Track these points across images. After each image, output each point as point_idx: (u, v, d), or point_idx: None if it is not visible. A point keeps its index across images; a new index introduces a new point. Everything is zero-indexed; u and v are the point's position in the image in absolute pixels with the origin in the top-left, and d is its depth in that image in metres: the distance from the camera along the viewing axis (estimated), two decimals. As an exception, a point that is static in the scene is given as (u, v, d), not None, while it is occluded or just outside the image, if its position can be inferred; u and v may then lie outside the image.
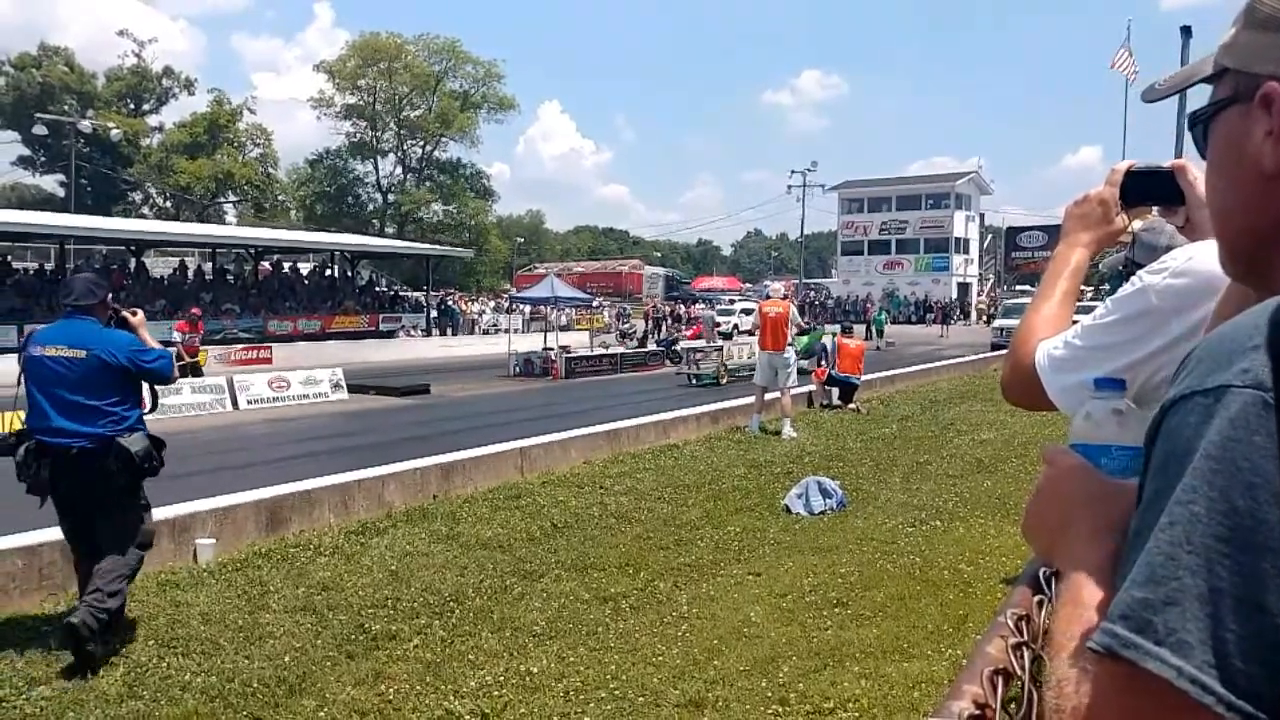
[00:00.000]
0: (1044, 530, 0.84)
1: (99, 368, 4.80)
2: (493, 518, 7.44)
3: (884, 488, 8.81)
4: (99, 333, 4.90)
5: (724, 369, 20.41)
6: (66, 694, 4.18)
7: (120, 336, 4.97)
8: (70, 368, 4.77)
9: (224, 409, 16.07)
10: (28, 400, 4.87)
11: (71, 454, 4.73)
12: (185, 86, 62.05)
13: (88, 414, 4.78)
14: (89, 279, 5.27)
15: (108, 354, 4.82)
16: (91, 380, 4.79)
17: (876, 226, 64.69)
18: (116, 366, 4.84)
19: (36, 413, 4.82)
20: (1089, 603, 0.71)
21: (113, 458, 4.78)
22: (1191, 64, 0.81)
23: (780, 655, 4.68)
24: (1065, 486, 0.83)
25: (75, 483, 4.79)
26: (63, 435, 4.74)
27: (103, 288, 5.16)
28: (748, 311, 43.59)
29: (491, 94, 66.26)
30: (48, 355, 4.81)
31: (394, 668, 4.54)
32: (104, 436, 4.78)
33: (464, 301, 48.57)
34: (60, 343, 4.83)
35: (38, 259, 35.13)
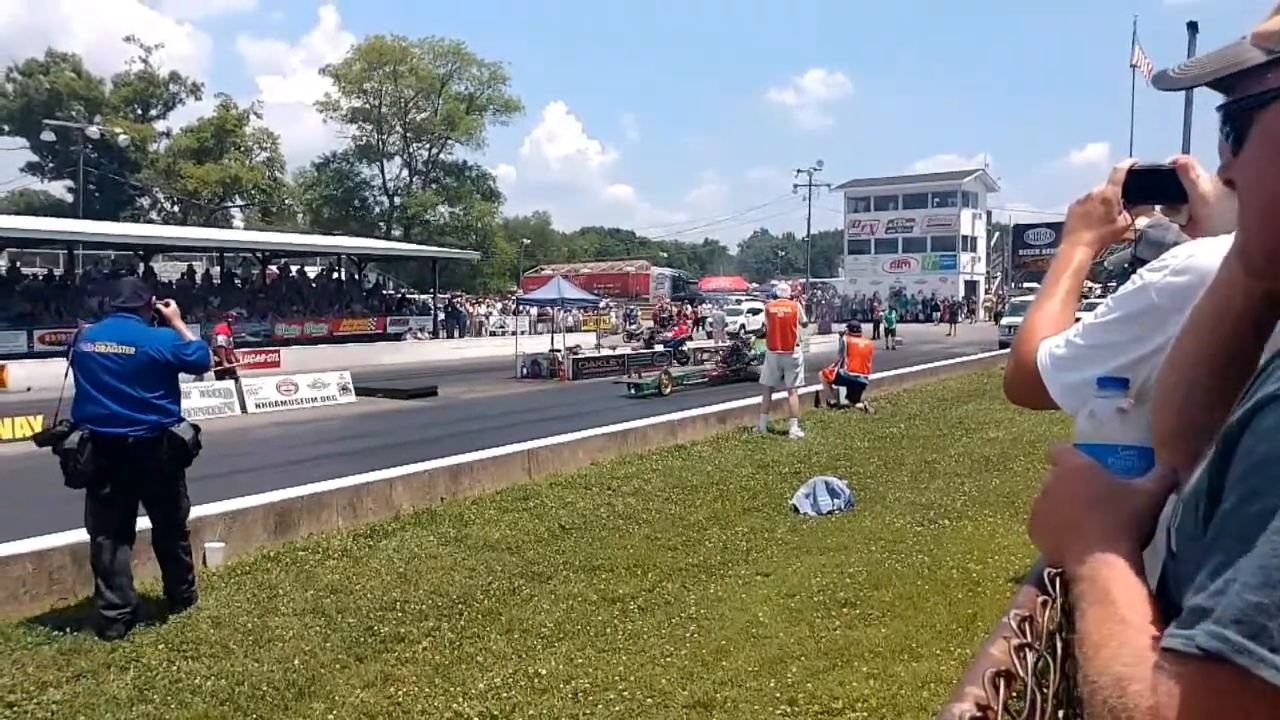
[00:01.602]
0: (1052, 531, 0.83)
1: (148, 363, 5.23)
2: (501, 519, 7.45)
3: (892, 487, 8.80)
4: (145, 330, 5.36)
5: (668, 378, 19.04)
6: (77, 698, 4.19)
7: (164, 334, 5.43)
8: (120, 363, 5.17)
9: (232, 412, 16.11)
10: (76, 394, 5.21)
11: (128, 443, 5.12)
12: (192, 91, 62.27)
13: (140, 405, 5.18)
14: (134, 283, 5.87)
15: (155, 350, 5.26)
16: (141, 374, 5.20)
17: (883, 225, 64.64)
18: (163, 362, 5.28)
19: (88, 402, 5.16)
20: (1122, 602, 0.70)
21: (166, 445, 5.21)
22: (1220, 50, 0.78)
23: (789, 655, 4.67)
24: (1074, 487, 0.82)
25: (132, 471, 5.16)
26: (118, 424, 5.12)
27: (147, 290, 5.69)
28: (755, 311, 43.58)
29: (497, 96, 66.43)
30: (97, 351, 5.21)
31: (403, 670, 4.55)
32: (158, 425, 5.22)
33: (471, 303, 48.59)
34: (110, 339, 5.25)
35: (47, 265, 35.35)
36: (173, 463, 5.30)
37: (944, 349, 31.32)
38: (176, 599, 5.34)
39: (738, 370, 20.53)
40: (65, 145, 52.16)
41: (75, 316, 27.03)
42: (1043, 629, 0.85)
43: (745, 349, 21.21)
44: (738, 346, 21.86)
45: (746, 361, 20.37)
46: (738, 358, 21.05)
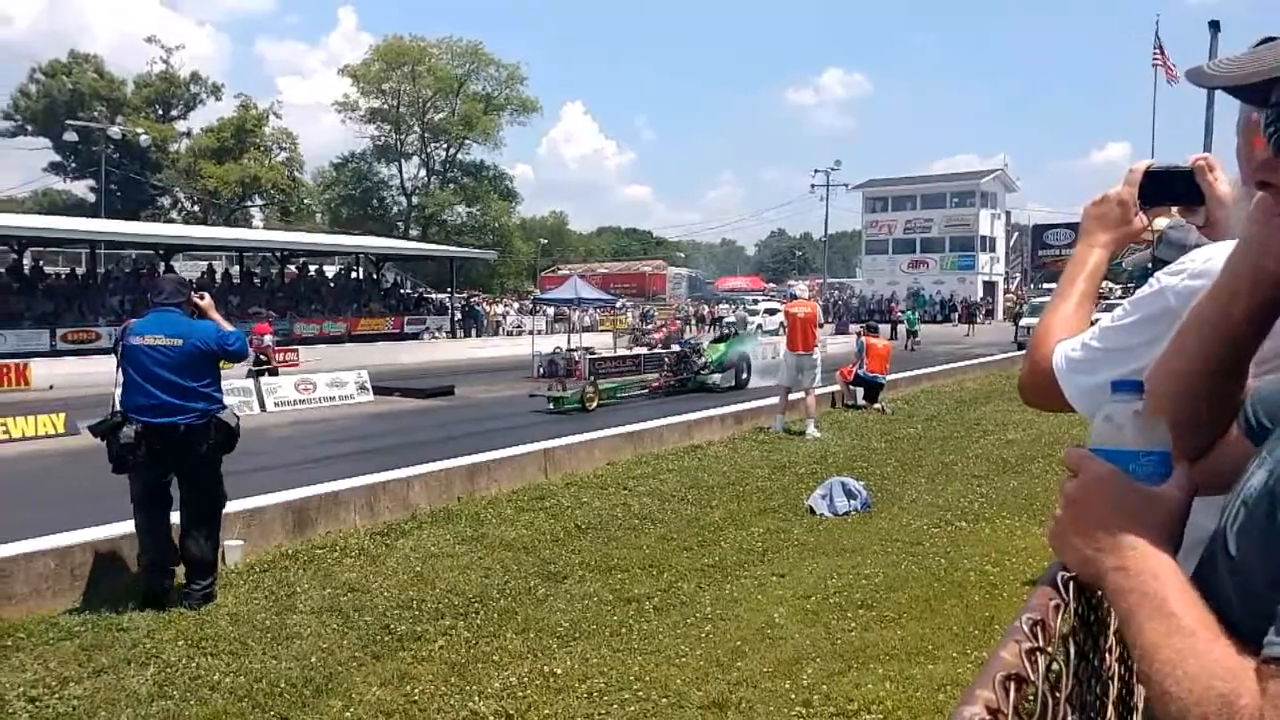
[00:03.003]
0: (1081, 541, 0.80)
1: (195, 354, 5.56)
2: (517, 519, 7.47)
3: (909, 488, 8.76)
4: (189, 323, 5.68)
5: (593, 390, 16.26)
6: (98, 693, 4.24)
7: (207, 326, 5.76)
8: (169, 354, 5.50)
9: (251, 411, 16.20)
10: (125, 385, 5.48)
11: (179, 430, 5.45)
12: (212, 92, 62.74)
13: (189, 394, 5.52)
14: (176, 280, 6.29)
15: (201, 341, 5.60)
16: (189, 365, 5.53)
17: (901, 225, 64.38)
18: (209, 352, 5.63)
19: (139, 394, 5.47)
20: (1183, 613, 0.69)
21: (213, 431, 5.55)
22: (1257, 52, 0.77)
23: (804, 657, 4.67)
24: (1101, 495, 0.80)
25: (184, 456, 5.49)
26: (170, 413, 5.45)
27: (187, 286, 6.04)
28: (771, 312, 43.47)
29: (514, 96, 66.58)
30: (146, 345, 5.52)
31: (419, 668, 4.57)
32: (206, 412, 5.56)
33: (488, 303, 48.78)
34: (158, 333, 5.56)
35: (69, 264, 35.61)
36: (219, 447, 5.64)
37: (962, 350, 31.17)
38: (196, 596, 5.42)
39: (684, 381, 18.39)
40: (87, 145, 52.73)
41: (97, 315, 27.33)
42: (1055, 633, 0.85)
43: (694, 356, 18.91)
44: (685, 354, 19.25)
45: (695, 370, 18.50)
46: (685, 366, 18.71)
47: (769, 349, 26.76)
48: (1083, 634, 0.94)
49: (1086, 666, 0.96)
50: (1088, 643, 0.96)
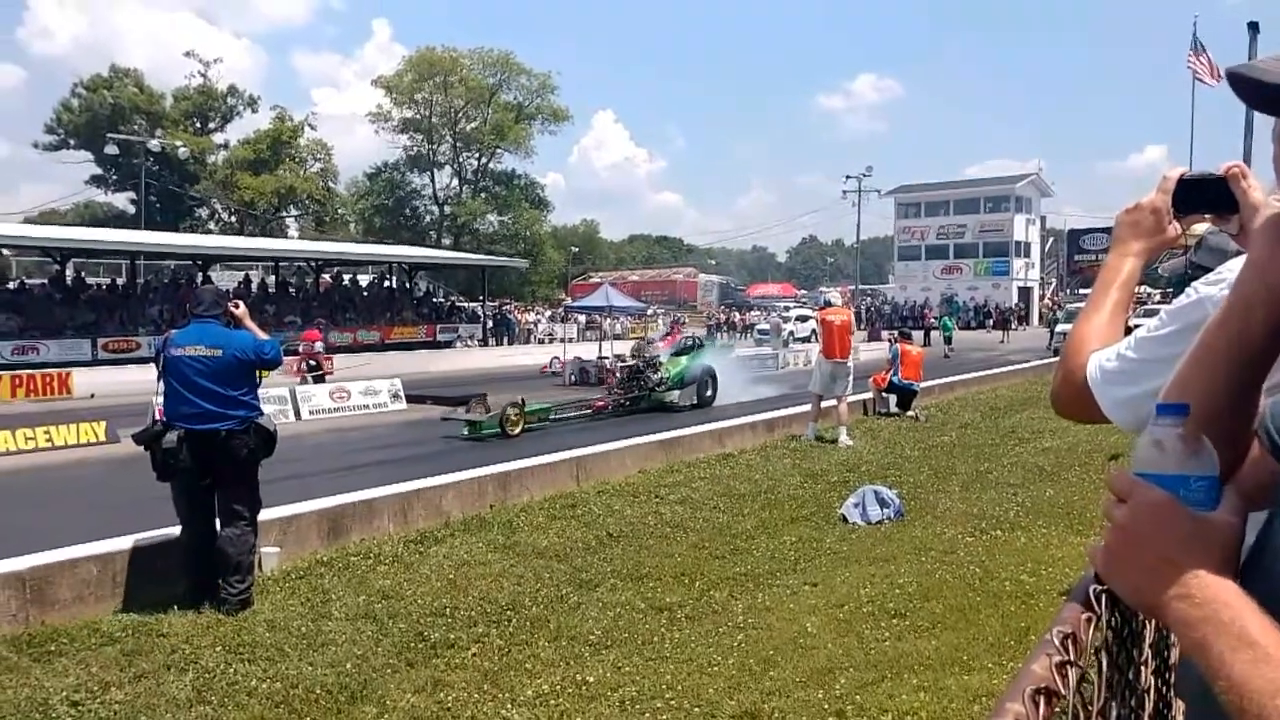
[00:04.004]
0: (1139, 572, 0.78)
1: (234, 363, 5.74)
2: (549, 527, 7.50)
3: (943, 496, 8.69)
4: (227, 334, 5.85)
5: (517, 412, 13.62)
6: (139, 698, 4.31)
7: (245, 336, 5.91)
8: (210, 364, 5.67)
9: (287, 419, 16.38)
10: (168, 394, 5.66)
11: (220, 437, 5.63)
12: (249, 104, 63.71)
13: (229, 402, 5.69)
14: (215, 292, 6.42)
15: (240, 350, 5.77)
16: (229, 374, 5.71)
17: (934, 231, 63.88)
18: (247, 360, 5.80)
19: (182, 403, 5.64)
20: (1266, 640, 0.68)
21: (253, 436, 5.74)
22: None
23: (837, 666, 4.64)
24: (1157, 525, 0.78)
25: (224, 461, 5.65)
26: (212, 420, 5.63)
27: (225, 298, 6.17)
28: (803, 319, 43.33)
29: (545, 105, 66.88)
30: (188, 355, 5.69)
31: (452, 676, 4.60)
32: (245, 419, 5.74)
33: (520, 311, 48.98)
34: (199, 343, 5.73)
35: (110, 274, 36.30)
36: (258, 452, 5.81)
37: (997, 356, 30.85)
38: (233, 600, 5.51)
39: (637, 399, 16.28)
40: (128, 158, 53.70)
41: (137, 325, 27.80)
42: (1087, 646, 0.84)
43: (649, 371, 16.66)
44: (638, 368, 16.83)
45: (650, 387, 16.39)
46: (637, 383, 16.54)
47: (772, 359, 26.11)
48: (1116, 647, 0.93)
49: (1120, 679, 0.96)
50: (1121, 655, 0.96)
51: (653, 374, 16.65)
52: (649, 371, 16.74)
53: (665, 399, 16.39)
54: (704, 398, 16.95)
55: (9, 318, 26.00)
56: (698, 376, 16.93)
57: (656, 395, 16.38)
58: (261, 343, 5.94)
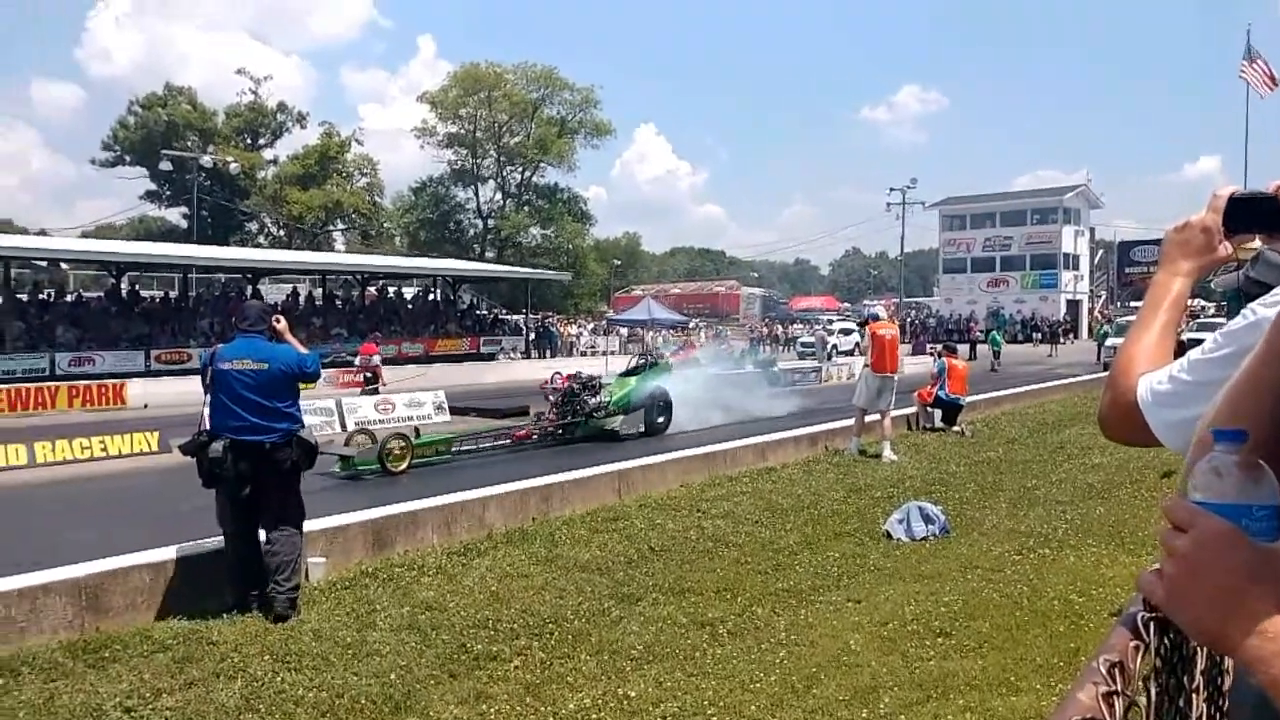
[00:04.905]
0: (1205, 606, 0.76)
1: (279, 376, 5.91)
2: (591, 540, 7.51)
3: (989, 513, 8.57)
4: (272, 348, 6.02)
5: (402, 447, 11.55)
6: (189, 705, 4.39)
7: (288, 350, 6.09)
8: (256, 378, 5.83)
9: (333, 430, 16.62)
10: (214, 406, 5.82)
11: (265, 448, 5.79)
12: (298, 120, 64.94)
13: (274, 415, 5.86)
14: (260, 307, 6.58)
15: (285, 365, 5.95)
16: (273, 387, 5.88)
17: (980, 243, 63.17)
18: (291, 374, 5.98)
19: (229, 416, 5.80)
20: None
21: (295, 448, 5.90)
22: None
23: (881, 685, 4.59)
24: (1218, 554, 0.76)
25: (268, 472, 5.81)
26: (258, 432, 5.79)
27: (269, 313, 6.33)
28: (846, 332, 43.04)
29: (588, 119, 67.28)
30: (235, 369, 5.85)
31: (495, 688, 4.63)
32: (289, 431, 5.90)
33: (562, 324, 49.24)
34: (245, 357, 5.89)
35: (163, 287, 37.12)
36: (300, 464, 5.97)
37: (1045, 370, 30.38)
38: (282, 599, 5.64)
39: (570, 427, 14.14)
40: (181, 174, 54.97)
41: (189, 337, 28.38)
42: (1135, 675, 0.84)
43: (586, 394, 14.47)
44: (574, 390, 14.55)
45: (587, 413, 14.25)
46: (571, 408, 14.29)
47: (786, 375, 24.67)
48: (1165, 675, 0.92)
49: (1171, 707, 0.94)
50: (1171, 683, 0.95)
51: (590, 397, 14.49)
52: (586, 394, 14.51)
53: (605, 426, 14.44)
54: (654, 425, 14.85)
55: (67, 329, 26.68)
56: (645, 401, 14.85)
57: (595, 422, 14.33)
58: (304, 357, 6.13)
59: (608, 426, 14.44)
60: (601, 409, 14.42)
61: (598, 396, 14.54)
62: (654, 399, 14.98)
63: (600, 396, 14.55)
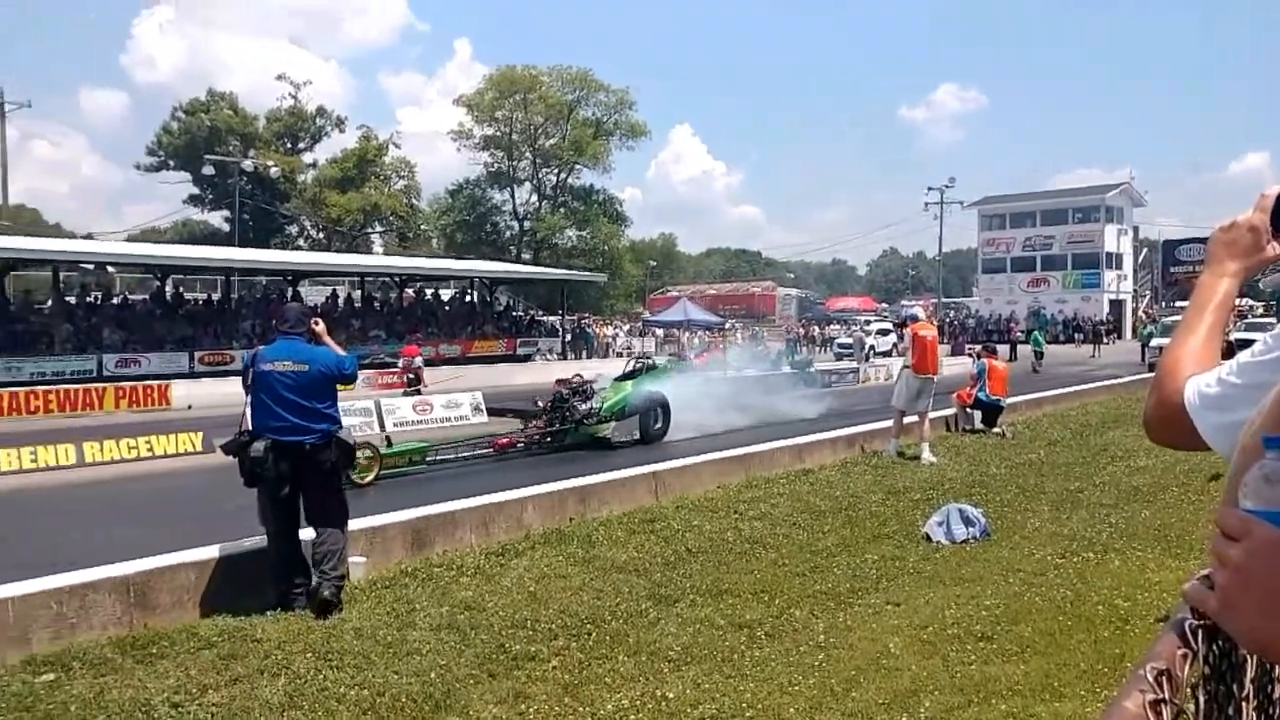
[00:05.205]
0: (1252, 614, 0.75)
1: (319, 378, 6.01)
2: (628, 541, 7.53)
3: (1031, 516, 8.46)
4: (311, 350, 6.11)
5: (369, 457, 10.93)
6: (234, 701, 4.46)
7: (327, 352, 6.18)
8: (297, 379, 5.93)
9: (372, 431, 16.78)
10: (256, 407, 5.92)
11: (305, 449, 5.89)
12: (336, 124, 65.80)
13: (313, 415, 5.96)
14: (300, 309, 6.68)
15: (325, 366, 6.05)
16: (313, 388, 5.98)
17: (1020, 243, 62.40)
18: (331, 376, 6.07)
19: (270, 416, 5.90)
20: None
21: (334, 449, 6.00)
22: None
23: (921, 689, 4.56)
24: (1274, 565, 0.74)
25: (308, 471, 5.91)
26: (298, 433, 5.89)
27: (309, 316, 6.40)
28: (884, 332, 42.74)
29: (623, 121, 67.42)
30: (276, 370, 5.94)
31: (533, 688, 4.65)
32: (328, 432, 5.99)
33: (598, 325, 49.39)
34: (286, 359, 5.99)
35: (206, 290, 37.72)
36: (339, 463, 6.11)
37: (1087, 371, 29.94)
38: (329, 585, 5.76)
39: (559, 435, 13.64)
40: (223, 178, 55.96)
41: (231, 339, 28.83)
42: (1183, 683, 0.83)
43: (576, 400, 13.95)
44: (562, 395, 14.09)
45: (577, 420, 13.72)
46: (560, 414, 13.81)
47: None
48: (1214, 683, 0.91)
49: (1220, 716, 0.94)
50: (1220, 690, 0.94)
51: (581, 403, 13.91)
52: (576, 400, 13.95)
53: (597, 433, 13.78)
54: (650, 432, 14.21)
55: (113, 331, 27.22)
56: (640, 407, 14.17)
57: (585, 429, 13.72)
58: (342, 359, 6.23)
59: (599, 434, 13.77)
60: (593, 415, 13.81)
61: (589, 402, 13.94)
62: (650, 404, 14.33)
63: (592, 402, 13.94)
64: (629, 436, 13.97)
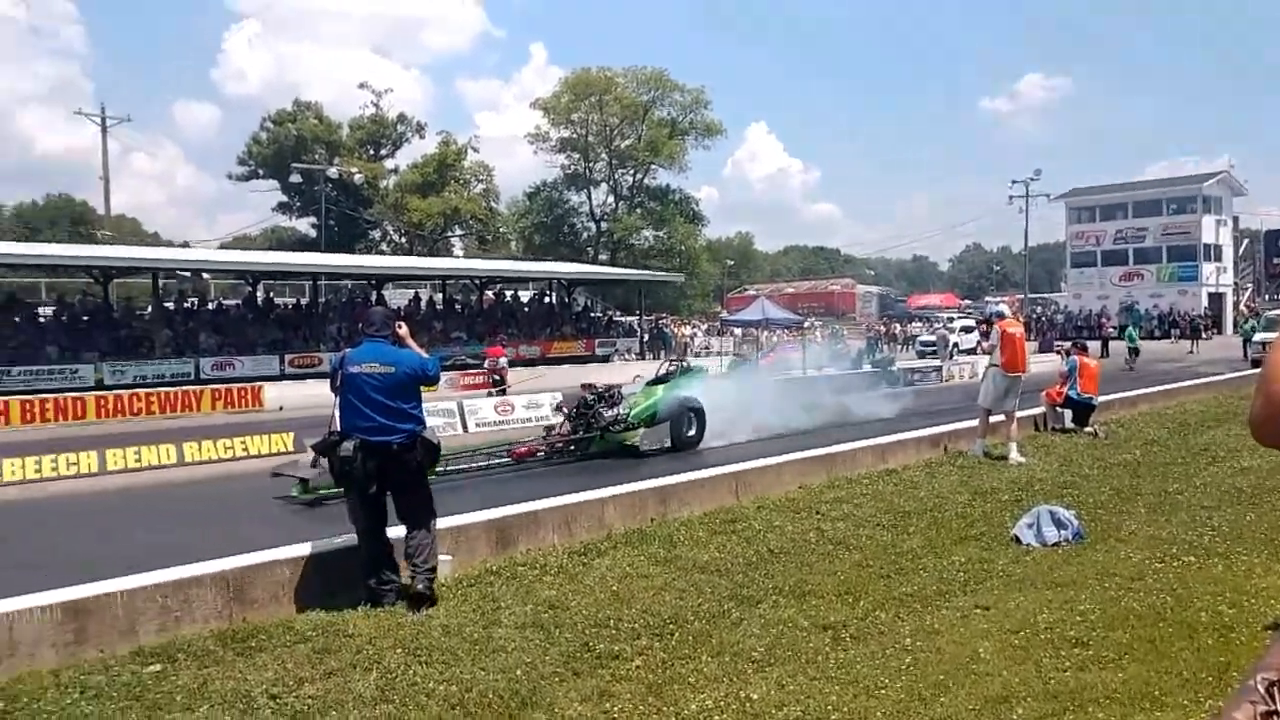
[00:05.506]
0: None
1: (405, 379, 6.14)
2: (709, 541, 7.51)
3: (1127, 519, 8.18)
4: (396, 352, 6.26)
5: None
6: (329, 694, 4.58)
7: (411, 354, 6.33)
8: (384, 380, 6.07)
9: (455, 431, 17.11)
10: (344, 408, 6.09)
11: (392, 448, 6.02)
12: (417, 130, 67.21)
13: (400, 416, 6.09)
14: (384, 313, 6.76)
15: (410, 368, 6.18)
16: (399, 389, 6.11)
17: (1110, 236, 60.42)
18: (417, 377, 6.21)
19: (359, 417, 6.06)
20: None
21: (420, 448, 6.13)
22: None
23: (1013, 695, 4.44)
24: None
25: (396, 471, 6.06)
26: (385, 433, 6.02)
27: (393, 319, 6.54)
28: (968, 329, 41.84)
29: (699, 120, 67.33)
30: (364, 372, 6.09)
31: (618, 687, 4.67)
32: (414, 432, 6.12)
33: (676, 325, 49.39)
34: (373, 361, 6.13)
35: (295, 294, 38.91)
36: (425, 462, 6.23)
37: (1185, 368, 28.81)
38: (421, 598, 5.91)
39: (583, 443, 13.07)
40: (309, 185, 57.69)
41: (319, 342, 29.66)
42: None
43: (602, 406, 13.26)
44: (587, 401, 13.45)
45: (603, 426, 13.05)
46: (585, 421, 13.21)
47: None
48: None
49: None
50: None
51: (607, 409, 13.22)
52: (602, 406, 13.27)
53: (625, 441, 13.09)
54: (683, 439, 13.44)
55: (209, 336, 28.28)
56: (672, 413, 13.42)
57: (612, 437, 13.06)
58: (426, 360, 6.38)
59: (627, 441, 13.08)
60: (619, 422, 13.13)
61: (616, 408, 13.26)
62: (683, 410, 13.57)
63: (619, 408, 13.28)
64: (659, 444, 13.27)
